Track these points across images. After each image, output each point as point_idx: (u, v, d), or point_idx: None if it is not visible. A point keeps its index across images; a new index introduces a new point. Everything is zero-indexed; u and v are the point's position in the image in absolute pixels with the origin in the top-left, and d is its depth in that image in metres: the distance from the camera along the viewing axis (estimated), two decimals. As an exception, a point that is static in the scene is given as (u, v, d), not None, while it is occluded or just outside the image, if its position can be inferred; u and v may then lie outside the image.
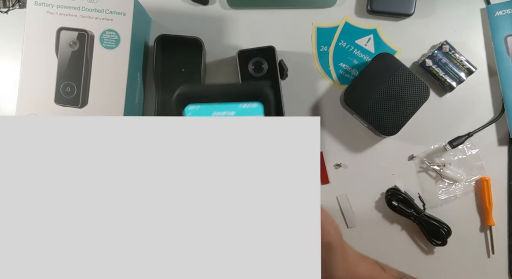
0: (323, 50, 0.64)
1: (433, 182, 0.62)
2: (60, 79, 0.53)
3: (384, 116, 0.59)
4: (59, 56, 0.54)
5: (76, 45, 0.53)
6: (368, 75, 0.59)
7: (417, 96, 0.59)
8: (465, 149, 0.62)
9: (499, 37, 0.62)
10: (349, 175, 0.62)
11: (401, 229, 0.62)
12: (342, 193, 0.62)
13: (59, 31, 0.53)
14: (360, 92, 0.59)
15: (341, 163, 0.62)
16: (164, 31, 0.61)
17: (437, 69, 0.61)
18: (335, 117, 0.63)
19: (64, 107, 0.53)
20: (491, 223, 0.61)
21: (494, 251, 0.62)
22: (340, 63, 0.64)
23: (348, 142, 0.63)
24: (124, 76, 0.53)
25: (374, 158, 0.63)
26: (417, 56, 0.63)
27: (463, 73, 0.61)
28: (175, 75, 0.61)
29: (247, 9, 0.63)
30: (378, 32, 0.64)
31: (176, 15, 0.63)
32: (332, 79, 0.63)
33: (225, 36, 0.63)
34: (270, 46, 0.60)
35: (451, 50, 0.61)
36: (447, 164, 0.62)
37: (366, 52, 0.63)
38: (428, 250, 0.62)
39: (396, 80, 0.59)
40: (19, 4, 0.62)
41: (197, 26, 0.63)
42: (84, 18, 0.53)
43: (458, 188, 0.62)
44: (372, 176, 0.63)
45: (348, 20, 0.64)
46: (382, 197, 0.62)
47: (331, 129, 0.63)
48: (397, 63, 0.59)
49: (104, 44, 0.53)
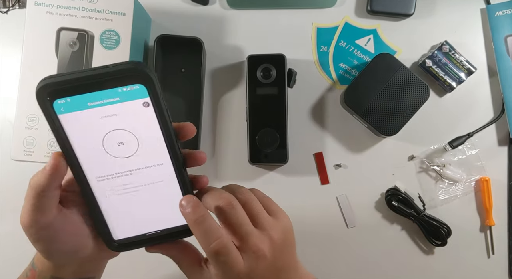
0: (323, 51, 0.64)
1: (433, 182, 0.62)
2: (60, 79, 0.53)
3: (384, 117, 0.59)
4: (59, 56, 0.54)
5: (76, 45, 0.53)
6: (368, 75, 0.59)
7: (417, 96, 0.59)
8: (465, 149, 0.62)
9: (499, 37, 0.62)
10: (349, 175, 0.62)
11: (401, 229, 0.62)
12: (342, 193, 0.62)
13: (59, 31, 0.53)
14: (360, 92, 0.59)
15: (341, 163, 0.62)
16: (164, 31, 0.61)
17: (437, 69, 0.61)
18: (335, 117, 0.63)
19: (64, 107, 0.53)
20: (491, 223, 0.61)
21: (494, 251, 0.62)
22: (340, 63, 0.64)
23: (348, 142, 0.63)
24: (124, 76, 0.53)
25: (374, 158, 0.63)
26: (417, 56, 0.63)
27: (463, 74, 0.61)
28: (175, 75, 0.61)
29: (247, 9, 0.63)
30: (378, 32, 0.64)
31: (176, 15, 0.63)
32: (332, 79, 0.63)
33: (225, 36, 0.63)
34: (280, 54, 0.60)
35: (451, 50, 0.61)
36: (447, 164, 0.62)
37: (366, 53, 0.63)
38: (428, 250, 0.62)
39: (396, 80, 0.59)
40: (19, 4, 0.62)
41: (197, 26, 0.63)
42: (84, 18, 0.53)
43: (458, 188, 0.62)
44: (372, 176, 0.63)
45: (348, 20, 0.64)
46: (382, 197, 0.62)
47: (331, 129, 0.63)
48: (397, 64, 0.59)
49: (104, 45, 0.53)
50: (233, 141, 0.62)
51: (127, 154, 0.33)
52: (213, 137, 0.63)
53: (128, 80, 0.30)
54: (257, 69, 0.60)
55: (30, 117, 0.53)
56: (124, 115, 0.31)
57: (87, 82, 0.30)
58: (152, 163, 0.34)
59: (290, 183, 0.62)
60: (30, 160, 0.53)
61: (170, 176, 0.35)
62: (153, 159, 0.34)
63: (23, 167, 0.59)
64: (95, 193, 0.34)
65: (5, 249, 0.61)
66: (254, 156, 0.60)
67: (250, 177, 0.63)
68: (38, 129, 0.53)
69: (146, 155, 0.33)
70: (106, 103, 0.31)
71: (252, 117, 0.60)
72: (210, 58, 0.63)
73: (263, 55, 0.60)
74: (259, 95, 0.60)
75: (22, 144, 0.53)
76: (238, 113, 0.62)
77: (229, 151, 0.63)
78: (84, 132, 0.32)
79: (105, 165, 0.33)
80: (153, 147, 0.33)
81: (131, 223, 0.36)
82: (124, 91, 0.30)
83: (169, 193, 0.35)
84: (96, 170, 0.33)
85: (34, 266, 0.40)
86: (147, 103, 0.31)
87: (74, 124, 0.31)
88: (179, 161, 0.34)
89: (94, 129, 0.32)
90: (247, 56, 0.60)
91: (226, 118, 0.63)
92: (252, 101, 0.60)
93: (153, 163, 0.34)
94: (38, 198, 0.33)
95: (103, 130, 0.32)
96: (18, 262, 0.61)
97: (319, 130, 0.63)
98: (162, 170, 0.34)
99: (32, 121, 0.53)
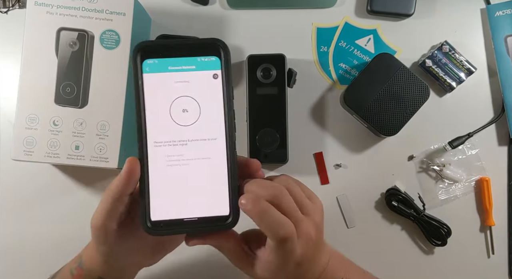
0: (323, 51, 0.64)
1: (433, 182, 0.62)
2: (60, 79, 0.53)
3: (384, 117, 0.59)
4: (59, 56, 0.54)
5: (76, 45, 0.53)
6: (368, 75, 0.59)
7: (417, 96, 0.59)
8: (465, 149, 0.62)
9: (499, 37, 0.62)
10: (349, 175, 0.62)
11: (401, 229, 0.62)
12: (342, 193, 0.62)
13: (59, 31, 0.53)
14: (360, 92, 0.59)
15: (341, 163, 0.62)
16: (164, 31, 0.61)
17: (437, 69, 0.61)
18: (335, 117, 0.63)
19: (64, 107, 0.53)
20: (491, 223, 0.61)
21: (494, 251, 0.62)
22: (340, 63, 0.64)
23: (348, 142, 0.63)
24: (124, 76, 0.53)
25: (374, 158, 0.63)
26: (417, 56, 0.63)
27: (463, 74, 0.61)
28: (175, 75, 0.61)
29: (247, 9, 0.63)
30: (378, 32, 0.64)
31: (176, 15, 0.63)
32: (332, 79, 0.63)
33: (225, 36, 0.63)
34: (280, 54, 0.60)
35: (451, 51, 0.61)
36: (447, 164, 0.62)
37: (366, 53, 0.63)
38: (428, 250, 0.62)
39: (396, 80, 0.59)
40: (19, 4, 0.62)
41: (197, 26, 0.63)
42: (84, 18, 0.53)
43: (458, 188, 0.62)
44: (372, 176, 0.63)
45: (348, 20, 0.64)
46: (382, 197, 0.62)
47: (331, 129, 0.63)
48: (397, 64, 0.59)
49: (104, 45, 0.53)
50: (233, 141, 0.62)
51: (188, 122, 0.36)
52: (213, 137, 0.63)
53: (207, 51, 0.36)
54: (257, 69, 0.60)
55: (30, 117, 0.53)
56: (195, 83, 0.36)
57: (175, 48, 0.36)
58: (208, 136, 0.36)
59: (290, 183, 0.62)
60: (30, 160, 0.53)
61: (221, 153, 0.36)
62: (210, 132, 0.36)
63: (23, 167, 0.59)
64: (149, 159, 0.36)
65: (5, 249, 0.61)
66: (254, 156, 0.60)
67: (250, 177, 0.62)
68: (38, 129, 0.53)
69: (204, 127, 0.36)
70: (183, 70, 0.36)
71: (252, 117, 0.60)
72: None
73: (263, 55, 0.60)
74: (259, 95, 0.60)
75: (22, 144, 0.53)
76: (238, 113, 0.62)
77: (229, 151, 0.62)
78: (158, 93, 0.36)
79: (166, 130, 0.36)
80: (213, 119, 0.36)
81: (172, 204, 0.36)
82: (201, 61, 0.36)
83: (216, 174, 0.36)
84: (157, 134, 0.36)
85: (81, 265, 0.41)
86: (217, 75, 0.36)
87: (152, 85, 0.36)
88: (233, 140, 0.36)
89: (167, 92, 0.36)
90: (247, 56, 0.60)
91: (226, 118, 0.63)
92: (252, 101, 0.60)
93: (209, 136, 0.36)
94: (113, 202, 0.35)
95: (174, 94, 0.36)
96: (18, 261, 0.61)
97: (319, 130, 0.63)
98: (215, 145, 0.36)
99: (32, 121, 0.53)
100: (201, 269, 0.61)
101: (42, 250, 0.61)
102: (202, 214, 0.36)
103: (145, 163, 0.36)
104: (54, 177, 0.61)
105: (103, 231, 0.36)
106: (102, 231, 0.36)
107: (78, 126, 0.53)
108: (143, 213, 0.36)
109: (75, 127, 0.53)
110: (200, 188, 0.36)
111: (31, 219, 0.61)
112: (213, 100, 0.36)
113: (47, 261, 0.47)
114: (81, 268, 0.42)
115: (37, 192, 0.61)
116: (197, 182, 0.36)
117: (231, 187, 0.36)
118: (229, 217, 0.36)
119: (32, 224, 0.61)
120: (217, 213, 0.36)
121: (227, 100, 0.36)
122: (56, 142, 0.53)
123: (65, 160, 0.53)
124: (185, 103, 0.36)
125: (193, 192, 0.36)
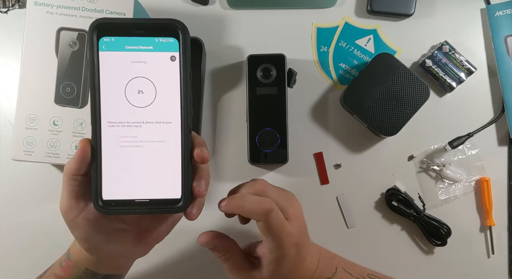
0: (323, 51, 0.64)
1: (433, 182, 0.62)
2: (60, 79, 0.53)
3: (384, 117, 0.59)
4: (59, 56, 0.54)
5: (76, 45, 0.53)
6: (368, 75, 0.59)
7: (417, 96, 0.59)
8: (465, 149, 0.62)
9: (499, 37, 0.62)
10: (349, 175, 0.62)
11: (401, 229, 0.62)
12: (342, 193, 0.62)
13: (59, 31, 0.53)
14: (360, 92, 0.59)
15: (341, 163, 0.62)
16: (164, 31, 0.60)
17: (437, 69, 0.61)
18: (335, 117, 0.63)
19: (64, 107, 0.53)
20: (491, 223, 0.61)
21: (494, 251, 0.62)
22: (340, 63, 0.64)
23: (348, 141, 0.63)
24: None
25: (374, 158, 0.63)
26: (417, 56, 0.63)
27: (463, 74, 0.61)
28: (175, 75, 0.61)
29: (247, 9, 0.63)
30: (378, 32, 0.64)
31: (176, 15, 0.63)
32: (332, 79, 0.63)
33: (225, 37, 0.63)
34: (280, 54, 0.60)
35: (451, 51, 0.61)
36: (447, 164, 0.62)
37: (366, 53, 0.63)
38: (428, 250, 0.62)
39: (396, 80, 0.59)
40: (19, 4, 0.62)
41: (197, 26, 0.63)
42: (84, 18, 0.53)
43: (458, 188, 0.62)
44: (372, 176, 0.63)
45: (348, 20, 0.64)
46: (382, 197, 0.62)
47: (331, 129, 0.63)
48: (397, 64, 0.59)
49: (104, 44, 0.53)
50: (233, 141, 0.62)
51: (143, 104, 0.36)
52: (213, 138, 0.63)
53: (165, 32, 0.35)
54: (257, 69, 0.60)
55: (30, 117, 0.53)
56: (152, 64, 0.35)
57: (134, 27, 0.35)
58: (162, 119, 0.36)
59: (290, 183, 0.62)
60: (30, 160, 0.53)
61: (175, 137, 0.36)
62: (165, 115, 0.36)
63: (23, 167, 0.59)
64: (102, 140, 0.36)
65: (5, 249, 0.61)
66: (254, 156, 0.60)
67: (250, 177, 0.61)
68: (38, 129, 0.53)
69: (159, 109, 0.36)
70: (141, 50, 0.35)
71: (252, 117, 0.60)
72: (210, 58, 0.63)
73: (263, 55, 0.60)
74: (259, 95, 0.60)
75: (22, 144, 0.53)
76: (238, 113, 0.62)
77: (229, 151, 0.62)
78: (113, 72, 0.35)
79: (120, 110, 0.36)
80: (168, 102, 0.36)
81: (124, 184, 0.36)
82: (159, 42, 0.35)
83: (169, 157, 0.36)
84: (111, 114, 0.36)
85: (69, 257, 0.42)
86: (175, 57, 0.35)
87: (108, 63, 0.35)
88: (188, 124, 0.36)
89: (123, 71, 0.35)
90: (247, 56, 0.60)
91: (226, 118, 0.63)
92: (252, 101, 0.60)
93: (164, 119, 0.36)
94: (71, 181, 0.35)
95: (130, 74, 0.35)
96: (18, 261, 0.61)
97: (319, 130, 0.63)
98: (169, 129, 0.36)
99: (32, 121, 0.53)
100: (201, 269, 0.61)
101: (42, 250, 0.61)
102: (154, 196, 0.36)
103: (98, 142, 0.35)
104: (54, 177, 0.61)
105: (70, 213, 0.36)
106: (69, 213, 0.36)
107: (78, 126, 0.53)
108: (95, 191, 0.36)
109: (75, 127, 0.53)
110: (153, 170, 0.36)
111: (31, 219, 0.61)
112: (170, 83, 0.36)
113: (47, 260, 0.47)
114: (69, 259, 0.42)
115: (37, 192, 0.61)
116: (150, 164, 0.36)
117: (184, 171, 0.36)
118: (180, 200, 0.36)
119: (32, 224, 0.61)
120: (169, 195, 0.36)
121: (184, 84, 0.36)
122: (56, 141, 0.53)
123: (65, 160, 0.53)
124: (141, 84, 0.36)
125: (145, 174, 0.36)
